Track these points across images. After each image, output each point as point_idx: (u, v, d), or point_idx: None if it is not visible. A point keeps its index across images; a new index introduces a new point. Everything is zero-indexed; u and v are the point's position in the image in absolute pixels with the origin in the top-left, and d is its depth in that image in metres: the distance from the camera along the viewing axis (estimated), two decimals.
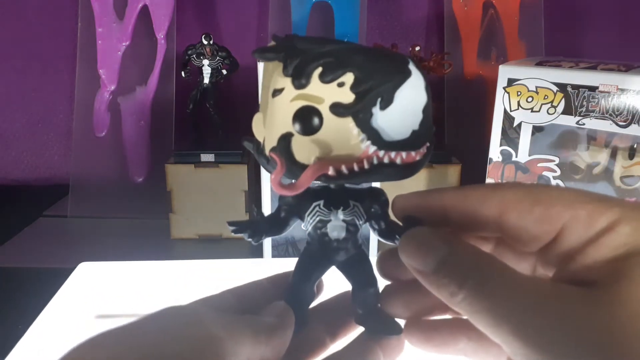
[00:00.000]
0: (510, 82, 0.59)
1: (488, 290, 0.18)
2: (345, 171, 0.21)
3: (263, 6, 0.89)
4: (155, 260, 0.56)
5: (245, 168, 0.74)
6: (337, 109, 0.20)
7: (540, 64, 0.58)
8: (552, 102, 0.56)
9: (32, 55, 0.92)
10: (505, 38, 0.85)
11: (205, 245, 0.75)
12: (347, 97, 0.20)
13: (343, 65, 0.20)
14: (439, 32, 0.92)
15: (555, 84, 0.56)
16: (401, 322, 0.25)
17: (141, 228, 0.79)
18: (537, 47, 0.84)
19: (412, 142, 0.21)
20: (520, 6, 0.83)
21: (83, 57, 0.84)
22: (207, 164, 0.74)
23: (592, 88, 0.53)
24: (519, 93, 0.58)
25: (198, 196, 0.74)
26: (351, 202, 0.24)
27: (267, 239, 0.66)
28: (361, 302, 0.25)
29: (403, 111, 0.21)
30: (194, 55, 0.76)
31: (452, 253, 0.20)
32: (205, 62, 0.76)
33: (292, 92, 0.21)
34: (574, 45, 0.93)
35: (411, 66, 0.21)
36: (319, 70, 0.20)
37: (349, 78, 0.20)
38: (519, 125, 0.59)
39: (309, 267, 0.25)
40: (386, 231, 0.24)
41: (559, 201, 0.20)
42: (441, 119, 0.87)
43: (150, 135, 0.86)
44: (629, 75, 0.52)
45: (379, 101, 0.20)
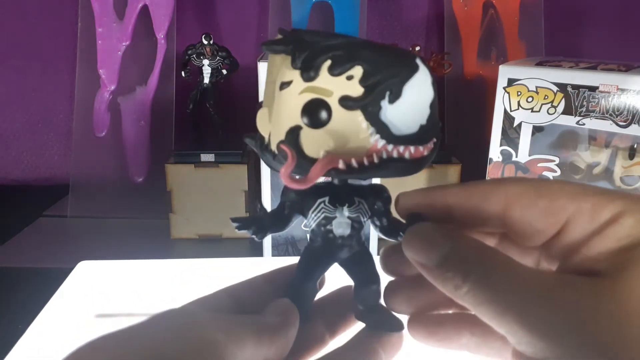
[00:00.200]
0: (510, 82, 0.59)
1: (492, 281, 0.18)
2: (355, 165, 0.20)
3: (263, 6, 0.89)
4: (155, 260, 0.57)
5: (245, 168, 0.74)
6: (346, 102, 0.20)
7: (540, 64, 0.58)
8: (552, 102, 0.56)
9: (32, 55, 0.92)
10: (505, 38, 0.85)
11: (205, 245, 0.75)
12: (355, 90, 0.20)
13: (352, 58, 0.20)
14: (439, 32, 0.92)
15: (556, 84, 0.56)
16: (403, 318, 0.25)
17: (141, 228, 0.79)
18: (537, 47, 0.84)
19: (420, 136, 0.21)
20: (520, 6, 0.83)
21: (83, 57, 0.84)
22: (207, 164, 0.74)
23: (592, 88, 0.53)
24: (519, 93, 0.58)
25: (198, 196, 0.74)
26: (356, 199, 0.23)
27: (268, 238, 0.66)
28: (363, 298, 0.25)
29: (411, 105, 0.20)
30: (194, 55, 0.76)
31: (455, 247, 0.20)
32: (205, 62, 0.76)
33: (301, 85, 0.20)
34: (574, 45, 0.93)
35: (418, 61, 0.20)
36: (328, 63, 0.20)
37: (357, 71, 0.20)
38: (519, 125, 0.59)
39: (312, 264, 0.25)
40: (388, 228, 0.24)
41: (562, 194, 0.20)
42: (441, 119, 0.86)
43: (150, 135, 0.86)
44: (629, 75, 0.52)
45: (388, 95, 0.20)
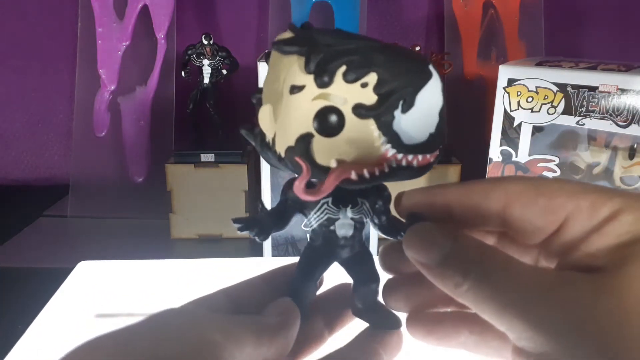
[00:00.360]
0: (510, 82, 0.59)
1: (493, 279, 0.19)
2: (367, 175, 0.20)
3: (263, 6, 0.89)
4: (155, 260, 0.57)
5: (245, 168, 0.74)
6: (360, 111, 0.20)
7: (540, 64, 0.58)
8: (552, 102, 0.56)
9: (32, 55, 0.92)
10: (505, 38, 0.85)
11: (205, 245, 0.75)
12: (369, 98, 0.19)
13: (367, 64, 0.19)
14: (439, 32, 0.92)
15: (555, 84, 0.56)
16: (402, 318, 0.25)
17: (141, 228, 0.79)
18: (537, 47, 0.84)
19: (428, 145, 0.21)
20: (520, 6, 0.83)
21: (83, 57, 0.84)
22: (207, 164, 0.74)
23: (592, 88, 0.53)
24: (519, 93, 0.58)
25: (198, 196, 0.74)
26: (359, 200, 0.23)
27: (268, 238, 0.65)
28: (362, 297, 0.25)
29: (423, 114, 0.20)
30: (194, 55, 0.76)
31: (456, 246, 0.20)
32: (205, 62, 0.76)
33: (314, 91, 0.20)
34: (574, 45, 0.93)
35: (431, 67, 0.20)
36: (343, 68, 0.19)
37: (372, 78, 0.19)
38: (519, 125, 0.59)
39: (312, 264, 0.25)
40: (388, 227, 0.24)
41: (562, 192, 0.20)
42: None
43: (150, 135, 0.86)
44: (629, 75, 0.52)
45: (401, 104, 0.19)
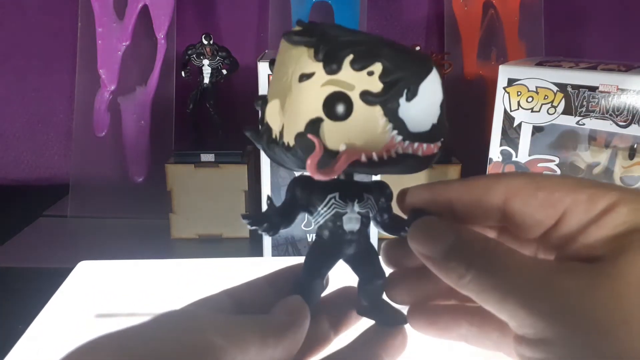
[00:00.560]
0: (510, 82, 0.59)
1: (495, 269, 0.19)
2: (375, 159, 0.21)
3: (263, 6, 0.89)
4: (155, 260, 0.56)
5: (245, 168, 0.74)
6: (367, 97, 0.21)
7: (540, 64, 0.58)
8: (552, 102, 0.56)
9: (32, 55, 0.92)
10: (505, 38, 0.85)
11: (205, 245, 0.75)
12: (375, 86, 0.20)
13: (373, 54, 0.20)
14: (439, 32, 0.92)
15: (555, 84, 0.56)
16: (405, 311, 0.25)
17: (141, 228, 0.79)
18: (537, 47, 0.84)
19: (432, 135, 0.21)
20: (520, 6, 0.83)
21: (83, 57, 0.84)
22: (207, 164, 0.74)
23: (592, 88, 0.53)
24: (519, 93, 0.58)
25: (198, 196, 0.74)
26: (365, 195, 0.24)
27: (267, 238, 0.66)
28: (367, 294, 0.25)
29: (425, 104, 0.21)
30: (194, 55, 0.76)
31: (459, 239, 0.20)
32: (205, 62, 0.76)
33: (324, 77, 0.21)
34: (574, 45, 0.93)
35: (431, 62, 0.21)
36: (351, 57, 0.20)
37: (377, 67, 0.20)
38: (519, 125, 0.59)
39: (320, 260, 0.25)
40: (389, 224, 0.25)
41: (560, 186, 0.21)
42: None
43: (150, 135, 0.86)
44: (629, 75, 0.52)
45: (406, 92, 0.20)
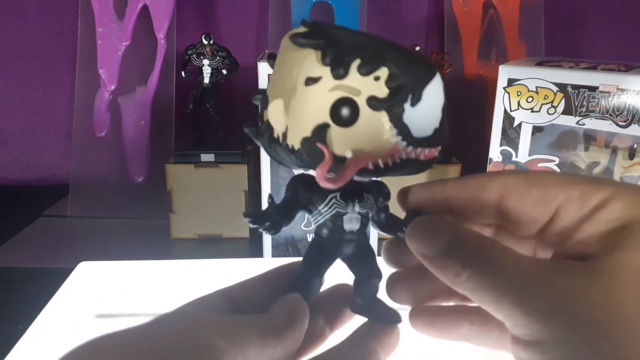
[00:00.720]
0: (510, 82, 0.59)
1: (490, 268, 0.19)
2: (381, 165, 0.21)
3: (263, 6, 0.89)
4: (155, 260, 0.56)
5: (245, 168, 0.74)
6: (373, 103, 0.20)
7: (540, 64, 0.58)
8: (552, 102, 0.56)
9: (32, 55, 0.92)
10: (505, 38, 0.85)
11: (205, 245, 0.75)
12: (381, 91, 0.20)
13: (379, 59, 0.20)
14: (439, 32, 0.92)
15: (555, 84, 0.56)
16: (404, 312, 0.26)
17: (141, 228, 0.79)
18: (537, 47, 0.84)
19: (434, 139, 0.21)
20: (520, 6, 0.83)
21: (83, 57, 0.84)
22: (207, 164, 0.74)
23: (592, 88, 0.53)
24: (519, 93, 0.58)
25: (198, 196, 0.74)
26: (365, 195, 0.24)
27: (267, 238, 0.66)
28: (363, 293, 0.25)
29: (429, 109, 0.21)
30: (194, 55, 0.76)
31: (455, 237, 0.21)
32: (205, 62, 0.76)
33: (331, 82, 0.21)
34: (574, 45, 0.93)
35: (435, 65, 0.21)
36: (358, 61, 0.20)
37: (384, 72, 0.20)
38: (519, 125, 0.59)
39: (319, 259, 0.25)
40: (386, 224, 0.25)
41: (554, 184, 0.21)
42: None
43: (150, 135, 0.86)
44: (629, 75, 0.52)
45: (410, 98, 0.20)
